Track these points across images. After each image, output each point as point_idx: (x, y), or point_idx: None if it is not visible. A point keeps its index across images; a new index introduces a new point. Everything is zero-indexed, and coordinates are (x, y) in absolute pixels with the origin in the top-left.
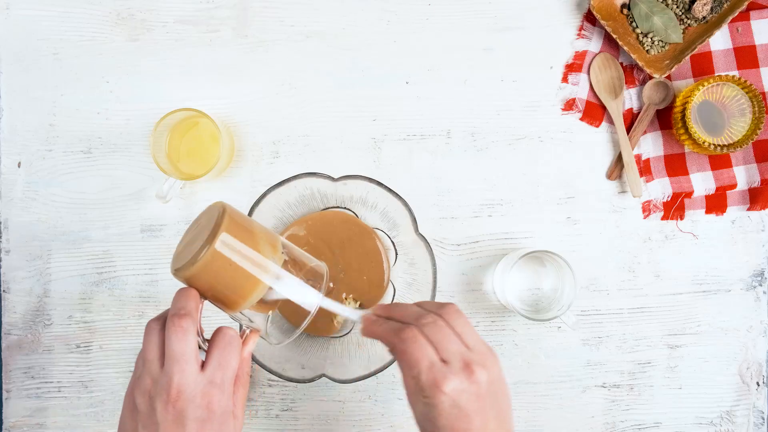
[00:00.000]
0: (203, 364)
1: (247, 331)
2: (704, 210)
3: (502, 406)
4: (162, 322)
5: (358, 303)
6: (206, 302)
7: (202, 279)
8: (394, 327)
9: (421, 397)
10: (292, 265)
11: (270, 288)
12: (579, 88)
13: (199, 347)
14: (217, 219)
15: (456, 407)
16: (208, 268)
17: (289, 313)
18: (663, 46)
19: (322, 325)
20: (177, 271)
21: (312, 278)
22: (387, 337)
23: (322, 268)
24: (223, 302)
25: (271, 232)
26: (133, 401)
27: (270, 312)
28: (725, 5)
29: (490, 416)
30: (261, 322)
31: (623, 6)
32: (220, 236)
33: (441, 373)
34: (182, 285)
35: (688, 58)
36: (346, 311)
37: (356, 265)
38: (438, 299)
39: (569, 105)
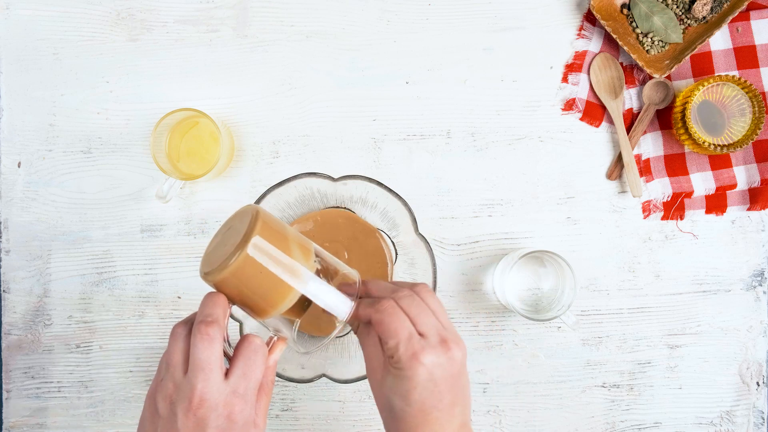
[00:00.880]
0: (227, 372)
1: (274, 339)
2: (704, 210)
3: (467, 391)
4: (188, 327)
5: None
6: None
7: (232, 284)
8: (369, 301)
9: (394, 368)
10: (324, 272)
11: (301, 296)
12: (579, 88)
13: (225, 353)
14: (250, 223)
15: (431, 381)
16: (239, 273)
17: (308, 322)
18: (663, 46)
19: (325, 326)
20: (206, 275)
21: (344, 286)
22: (361, 311)
23: (355, 276)
24: (253, 309)
25: (304, 237)
26: (155, 405)
27: (297, 320)
28: (725, 5)
29: (458, 396)
30: (287, 329)
31: (623, 6)
32: (252, 241)
33: (420, 345)
34: (210, 289)
35: (688, 58)
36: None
37: (361, 264)
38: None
39: (569, 105)
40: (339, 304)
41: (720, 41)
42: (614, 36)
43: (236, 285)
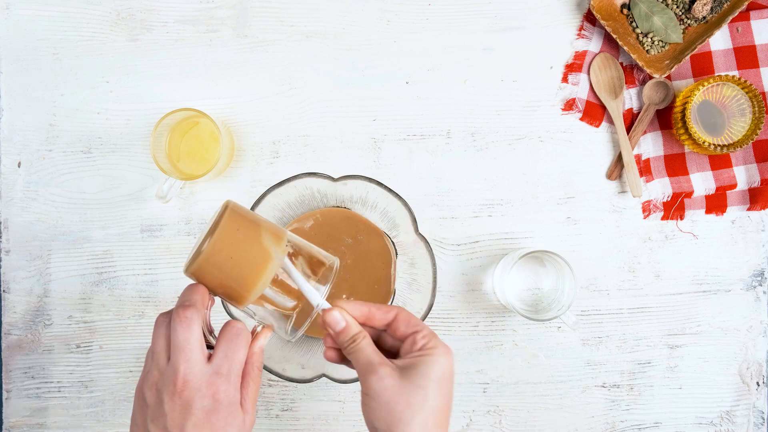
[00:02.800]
0: (211, 357)
1: (258, 328)
2: (704, 210)
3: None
4: (171, 315)
5: None
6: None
7: (208, 273)
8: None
9: (424, 354)
10: (299, 257)
11: (277, 280)
12: (579, 88)
13: (209, 344)
14: (219, 213)
15: (449, 367)
16: (211, 260)
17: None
18: (663, 46)
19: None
20: (186, 269)
21: (321, 272)
22: (378, 317)
23: (332, 260)
24: (231, 296)
25: (277, 226)
26: (143, 396)
27: (294, 311)
28: (725, 5)
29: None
30: (278, 321)
31: (623, 6)
32: (221, 227)
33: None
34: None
35: (688, 58)
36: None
37: (366, 264)
38: (438, 299)
39: (569, 105)
40: (312, 288)
41: (720, 41)
42: (614, 36)
43: (211, 273)
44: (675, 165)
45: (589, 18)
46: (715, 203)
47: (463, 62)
